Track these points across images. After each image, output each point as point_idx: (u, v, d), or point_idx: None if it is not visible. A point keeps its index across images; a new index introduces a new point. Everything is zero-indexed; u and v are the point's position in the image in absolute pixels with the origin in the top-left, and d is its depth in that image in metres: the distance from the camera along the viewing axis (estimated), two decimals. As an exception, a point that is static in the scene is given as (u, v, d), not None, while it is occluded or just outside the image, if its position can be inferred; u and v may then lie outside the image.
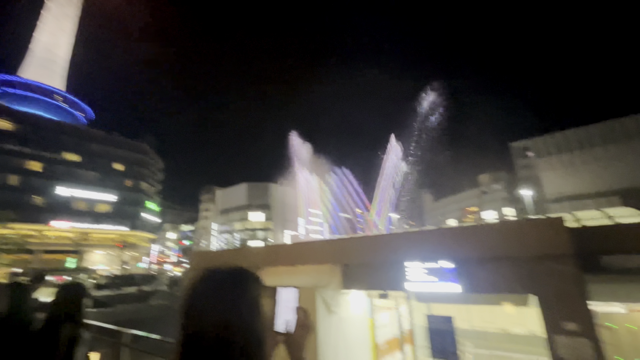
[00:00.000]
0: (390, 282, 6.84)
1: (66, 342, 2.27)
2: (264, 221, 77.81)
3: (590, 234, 6.50)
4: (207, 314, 0.80)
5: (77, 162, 57.81)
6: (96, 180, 59.21)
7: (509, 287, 5.34)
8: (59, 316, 2.34)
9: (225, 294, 0.84)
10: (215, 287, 0.86)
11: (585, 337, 4.64)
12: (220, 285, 0.87)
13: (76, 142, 58.15)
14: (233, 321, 0.80)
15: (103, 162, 60.91)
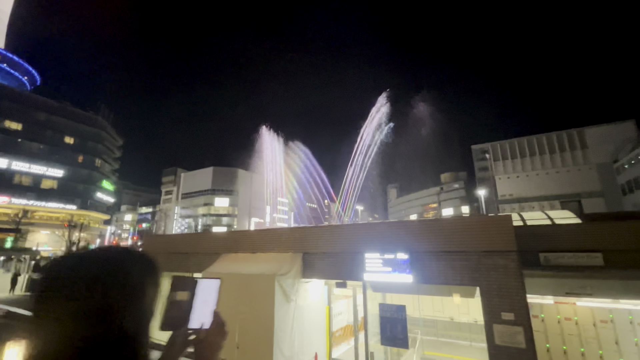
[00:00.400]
0: (349, 272, 6.99)
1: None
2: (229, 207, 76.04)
3: (533, 232, 7.09)
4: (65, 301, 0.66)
5: (18, 131, 51.95)
6: (42, 153, 53.61)
7: (458, 279, 5.69)
8: None
9: (93, 279, 0.69)
10: (81, 270, 0.71)
11: (519, 325, 5.09)
12: (88, 270, 0.71)
13: (18, 108, 51.97)
14: (103, 310, 0.67)
15: (51, 134, 55.12)
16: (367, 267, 6.45)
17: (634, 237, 6.30)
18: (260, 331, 6.72)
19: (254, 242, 8.70)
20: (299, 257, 7.60)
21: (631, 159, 40.39)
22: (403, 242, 6.26)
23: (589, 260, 6.77)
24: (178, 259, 10.40)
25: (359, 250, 6.72)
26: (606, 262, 6.63)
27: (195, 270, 9.56)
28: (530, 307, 8.76)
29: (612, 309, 7.39)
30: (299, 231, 8.40)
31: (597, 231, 6.67)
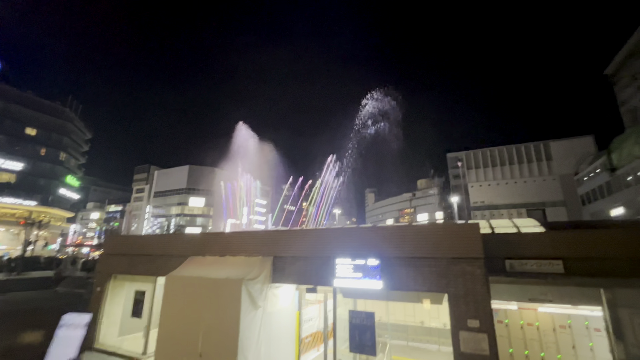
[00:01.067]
0: (319, 277, 6.83)
1: None
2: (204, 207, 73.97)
3: (499, 239, 7.26)
4: None
5: (-28, 119, 47.95)
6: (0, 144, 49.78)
7: (427, 285, 5.69)
8: None
9: None
10: None
11: (484, 332, 5.15)
12: None
13: (-27, 95, 48.12)
14: None
15: (10, 124, 51.09)
16: (337, 273, 6.33)
17: (591, 245, 6.59)
18: (224, 339, 6.41)
19: (223, 244, 8.35)
20: (269, 261, 7.35)
21: (589, 172, 43.24)
22: (374, 248, 6.20)
23: (551, 268, 7.01)
24: (142, 261, 9.81)
25: (330, 255, 6.59)
26: (566, 269, 6.89)
27: (161, 273, 9.05)
28: (496, 313, 9.00)
29: (571, 315, 7.72)
30: (270, 234, 8.16)
31: (558, 239, 6.93)
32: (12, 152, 51.11)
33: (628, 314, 6.55)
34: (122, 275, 10.33)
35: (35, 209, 52.67)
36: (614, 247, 6.61)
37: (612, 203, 37.43)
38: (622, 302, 6.62)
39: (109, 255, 10.72)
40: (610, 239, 6.67)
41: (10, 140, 51.40)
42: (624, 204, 35.03)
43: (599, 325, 7.23)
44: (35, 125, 54.48)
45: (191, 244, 9.10)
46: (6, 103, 51.28)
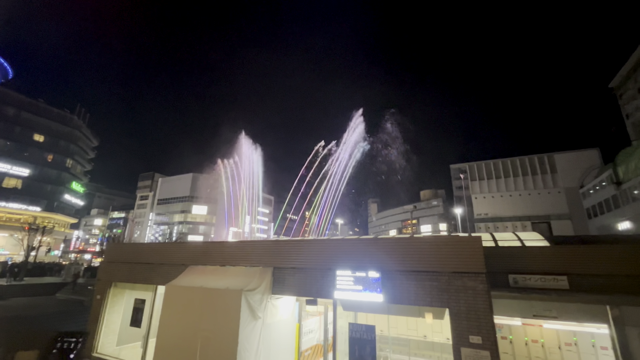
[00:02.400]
0: (319, 289, 6.76)
1: None
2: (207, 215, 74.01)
3: (503, 253, 7.17)
4: None
5: (-17, 125, 48.93)
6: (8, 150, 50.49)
7: (428, 300, 5.60)
8: None
9: None
10: None
11: (486, 349, 5.03)
12: None
13: (-15, 102, 49.22)
14: None
15: (20, 131, 52.00)
16: (338, 285, 6.26)
17: (597, 261, 6.48)
18: (223, 349, 6.32)
19: (224, 254, 8.32)
20: (269, 271, 7.31)
21: (595, 185, 42.79)
22: (375, 260, 6.14)
23: (555, 283, 6.88)
24: (143, 269, 9.79)
25: (330, 267, 6.53)
26: (571, 285, 6.76)
27: (160, 282, 9.02)
28: (500, 329, 8.80)
29: (577, 332, 7.52)
30: (270, 245, 8.12)
31: (563, 255, 6.83)
32: (20, 158, 51.87)
33: (636, 333, 6.38)
34: (122, 283, 10.31)
35: (40, 214, 53.07)
36: (620, 263, 6.49)
37: (618, 217, 36.86)
38: (629, 321, 6.46)
39: (109, 262, 10.72)
40: (616, 255, 6.55)
41: (19, 146, 52.23)
42: (630, 218, 34.48)
43: (606, 343, 7.03)
44: (44, 132, 55.40)
45: (191, 253, 9.09)
46: (17, 110, 52.34)
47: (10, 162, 50.68)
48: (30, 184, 52.89)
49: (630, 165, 34.61)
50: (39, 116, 54.84)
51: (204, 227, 73.40)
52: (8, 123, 51.09)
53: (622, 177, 36.30)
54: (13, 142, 51.63)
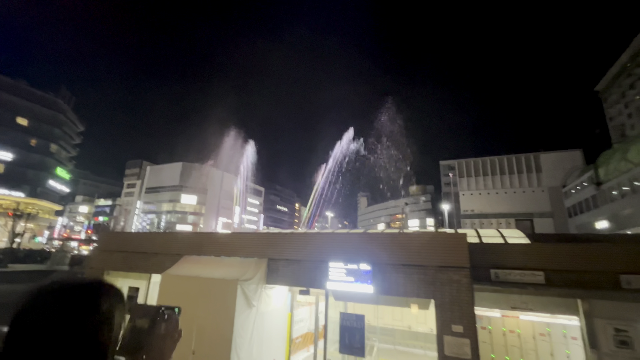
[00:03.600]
0: (312, 280, 7.07)
1: None
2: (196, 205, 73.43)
3: (486, 249, 7.60)
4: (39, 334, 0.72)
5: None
6: (-12, 133, 48.77)
7: (415, 291, 5.97)
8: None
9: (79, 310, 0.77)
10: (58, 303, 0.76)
11: (467, 337, 5.44)
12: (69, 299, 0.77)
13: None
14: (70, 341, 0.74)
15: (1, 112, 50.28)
16: (330, 276, 6.57)
17: (571, 259, 6.97)
18: (218, 337, 6.58)
19: (219, 245, 8.52)
20: (264, 262, 7.56)
21: (577, 185, 44.36)
22: (366, 253, 6.46)
23: (533, 278, 7.37)
24: (136, 258, 9.90)
25: (323, 259, 6.82)
26: (547, 280, 7.25)
27: (155, 271, 9.17)
28: (480, 319, 9.33)
29: (550, 323, 8.08)
30: (265, 237, 8.36)
31: (540, 252, 7.30)
32: (1, 141, 50.15)
33: (603, 324, 6.93)
34: (116, 272, 10.40)
35: (24, 200, 51.69)
36: (592, 260, 7.00)
37: (597, 216, 38.47)
38: (598, 313, 7.00)
39: (102, 251, 10.76)
40: (589, 253, 7.06)
41: (1, 130, 50.43)
42: (608, 218, 36.06)
43: (576, 334, 7.60)
44: (27, 115, 53.55)
45: (186, 243, 9.24)
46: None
47: (-9, 145, 48.97)
48: (13, 168, 51.32)
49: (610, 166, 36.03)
50: (21, 98, 52.87)
51: (193, 217, 72.87)
52: (-12, 105, 49.18)
53: (602, 178, 37.77)
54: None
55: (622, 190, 33.19)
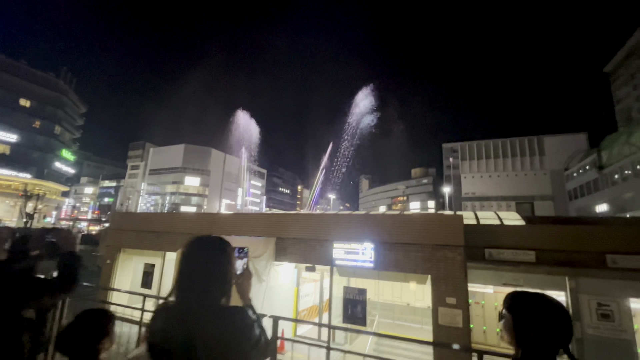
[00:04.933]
0: (318, 257, 7.60)
1: None
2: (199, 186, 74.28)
3: (481, 230, 8.06)
4: (199, 261, 1.20)
5: (-36, 87, 46.90)
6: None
7: (413, 267, 6.48)
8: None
9: (214, 250, 1.24)
10: (202, 246, 1.24)
11: (459, 308, 5.98)
12: (208, 244, 1.26)
13: (-37, 62, 46.83)
14: (220, 267, 1.21)
15: (4, 94, 50.11)
16: (335, 254, 7.08)
17: (560, 239, 7.43)
18: (231, 308, 7.18)
19: (230, 224, 9.03)
20: (272, 241, 8.07)
21: (579, 169, 44.46)
22: (369, 233, 6.93)
23: (524, 257, 7.87)
24: (150, 237, 10.48)
25: (328, 238, 7.32)
26: (537, 259, 7.75)
27: (168, 249, 9.76)
28: (474, 295, 9.94)
29: (539, 299, 8.66)
30: (274, 217, 8.85)
31: (533, 233, 7.76)
32: (6, 122, 50.38)
33: (587, 299, 7.48)
34: (131, 249, 11.03)
35: (31, 181, 52.58)
36: (580, 241, 7.47)
37: (597, 199, 38.83)
38: (582, 289, 7.53)
39: (117, 230, 11.35)
40: (578, 233, 7.51)
41: (4, 111, 50.54)
42: (608, 201, 36.43)
43: (563, 308, 8.19)
44: (29, 97, 53.47)
45: (198, 223, 9.77)
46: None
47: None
48: (19, 150, 51.85)
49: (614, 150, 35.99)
50: (22, 79, 52.60)
51: (197, 198, 73.84)
52: (-10, 86, 49.05)
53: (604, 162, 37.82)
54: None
55: (624, 174, 33.34)
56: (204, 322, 1.09)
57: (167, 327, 1.12)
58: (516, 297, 1.26)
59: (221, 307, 1.19)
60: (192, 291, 1.15)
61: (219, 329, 1.09)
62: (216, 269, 1.21)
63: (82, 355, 1.44)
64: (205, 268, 1.19)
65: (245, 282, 1.37)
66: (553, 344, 1.16)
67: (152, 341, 1.13)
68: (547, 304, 1.24)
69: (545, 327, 1.17)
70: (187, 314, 1.11)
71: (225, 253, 1.26)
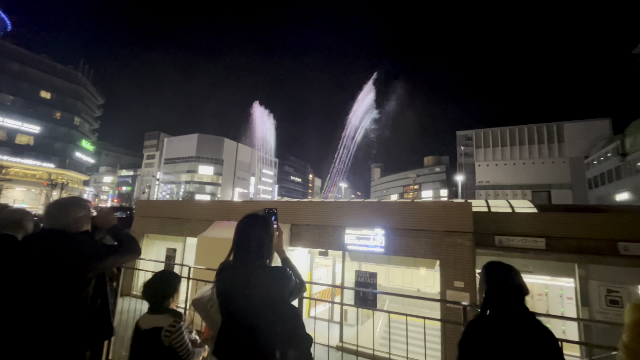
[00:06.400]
0: (331, 242, 7.94)
1: None
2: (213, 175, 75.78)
3: (492, 218, 8.19)
4: (249, 233, 1.57)
5: (-11, 81, 48.81)
6: (17, 107, 50.77)
7: (422, 252, 6.73)
8: None
9: (259, 224, 1.63)
10: (252, 220, 1.63)
11: (467, 291, 6.23)
12: (256, 219, 1.64)
13: (-12, 56, 48.58)
14: (264, 237, 1.58)
15: (27, 87, 51.92)
16: (347, 239, 7.40)
17: (571, 227, 7.49)
18: (249, 289, 7.65)
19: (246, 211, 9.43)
20: (287, 227, 8.45)
21: (600, 156, 42.98)
22: (380, 220, 7.19)
23: (534, 244, 7.98)
24: (172, 223, 11.07)
25: (341, 224, 7.62)
26: (547, 246, 7.85)
27: (189, 234, 10.31)
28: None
29: (548, 285, 8.80)
30: (288, 204, 9.20)
31: (543, 220, 7.83)
32: (29, 114, 52.38)
33: (596, 285, 7.57)
34: (154, 235, 11.68)
35: (54, 170, 54.87)
36: (592, 228, 7.51)
37: (619, 188, 37.64)
38: (592, 276, 7.61)
39: (141, 217, 12.01)
40: (588, 221, 7.55)
41: (27, 103, 52.45)
42: (630, 190, 35.27)
43: (572, 294, 8.30)
44: (50, 89, 55.22)
45: (216, 210, 10.25)
46: (22, 65, 51.74)
47: (20, 118, 51.30)
48: (42, 141, 53.99)
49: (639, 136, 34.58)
50: (44, 72, 54.25)
51: (211, 187, 75.41)
52: (15, 79, 50.81)
53: (628, 149, 36.42)
54: (21, 98, 51.79)
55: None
56: (258, 276, 1.49)
57: (231, 278, 1.53)
58: (486, 264, 1.74)
59: (267, 265, 1.58)
60: (248, 254, 1.55)
61: (268, 280, 1.50)
62: (265, 238, 1.60)
63: (159, 302, 1.93)
64: (257, 237, 1.58)
65: (279, 239, 1.71)
66: (504, 295, 1.59)
67: (219, 287, 1.55)
68: (501, 266, 1.69)
69: (497, 280, 1.64)
70: (246, 270, 1.51)
71: (269, 226, 1.66)
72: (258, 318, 1.42)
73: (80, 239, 1.66)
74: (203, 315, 1.69)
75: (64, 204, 1.75)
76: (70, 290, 1.53)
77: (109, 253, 1.72)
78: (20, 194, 51.38)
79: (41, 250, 1.52)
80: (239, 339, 1.44)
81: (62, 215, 1.68)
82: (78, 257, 1.55)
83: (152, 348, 1.81)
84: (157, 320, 1.88)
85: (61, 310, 1.49)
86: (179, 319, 1.90)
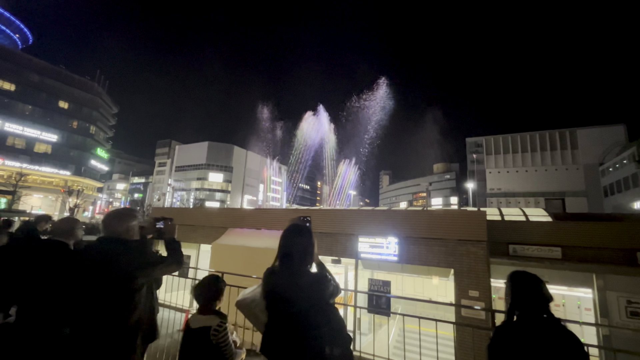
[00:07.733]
0: (343, 251, 8.00)
1: None
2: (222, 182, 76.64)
3: (506, 226, 8.14)
4: (294, 242, 1.71)
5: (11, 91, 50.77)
6: (36, 116, 52.69)
7: (436, 261, 6.73)
8: None
9: (303, 234, 1.77)
10: (296, 230, 1.77)
11: (481, 301, 6.19)
12: (300, 229, 1.79)
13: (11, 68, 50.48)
14: (308, 245, 1.71)
15: (45, 97, 53.90)
16: (360, 247, 7.45)
17: (588, 236, 7.39)
18: (263, 297, 7.73)
19: (260, 219, 9.61)
20: (300, 235, 8.55)
21: (616, 163, 42.00)
22: (392, 228, 7.23)
23: (550, 253, 7.88)
24: (186, 230, 11.29)
25: (353, 233, 7.68)
26: (564, 255, 7.75)
27: (203, 241, 10.50)
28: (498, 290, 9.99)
29: (565, 295, 8.63)
30: (301, 212, 9.31)
31: (559, 229, 7.75)
32: (47, 124, 54.24)
33: (615, 296, 7.41)
34: (168, 241, 11.91)
35: (70, 178, 56.41)
36: (609, 238, 7.39)
37: (636, 196, 36.63)
38: (610, 286, 7.46)
39: (156, 224, 12.28)
40: (606, 230, 7.43)
41: (46, 112, 54.40)
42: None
43: (590, 305, 8.11)
44: (68, 99, 57.17)
45: (230, 217, 10.43)
46: (41, 76, 53.82)
47: (39, 127, 53.14)
48: (59, 149, 55.70)
49: (655, 143, 33.75)
50: (61, 83, 56.30)
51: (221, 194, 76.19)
52: (35, 89, 52.85)
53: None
54: (40, 108, 53.75)
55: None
56: (303, 280, 1.65)
57: (278, 282, 1.67)
58: (511, 273, 1.84)
59: (310, 271, 1.74)
60: (293, 260, 1.70)
61: (312, 284, 1.65)
62: (308, 247, 1.76)
63: (207, 303, 2.13)
64: (301, 245, 1.74)
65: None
66: (531, 302, 1.69)
67: (267, 289, 1.71)
68: (527, 275, 1.80)
69: (524, 288, 1.75)
70: (292, 275, 1.67)
71: (312, 236, 1.81)
72: (306, 319, 1.55)
73: (134, 247, 1.81)
74: (247, 313, 1.84)
75: (118, 215, 1.92)
76: (126, 294, 1.67)
77: (158, 262, 1.87)
78: (38, 201, 52.85)
79: (101, 257, 1.67)
80: (289, 339, 1.56)
81: (116, 225, 1.84)
82: (132, 264, 1.70)
83: (201, 345, 1.98)
84: (205, 320, 2.06)
85: (118, 313, 1.63)
86: (224, 319, 2.07)
